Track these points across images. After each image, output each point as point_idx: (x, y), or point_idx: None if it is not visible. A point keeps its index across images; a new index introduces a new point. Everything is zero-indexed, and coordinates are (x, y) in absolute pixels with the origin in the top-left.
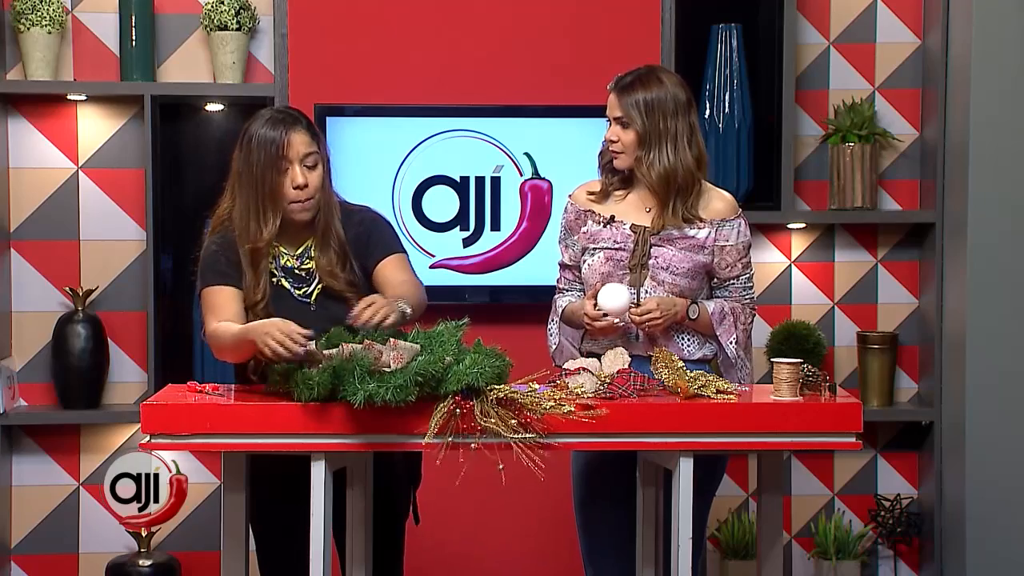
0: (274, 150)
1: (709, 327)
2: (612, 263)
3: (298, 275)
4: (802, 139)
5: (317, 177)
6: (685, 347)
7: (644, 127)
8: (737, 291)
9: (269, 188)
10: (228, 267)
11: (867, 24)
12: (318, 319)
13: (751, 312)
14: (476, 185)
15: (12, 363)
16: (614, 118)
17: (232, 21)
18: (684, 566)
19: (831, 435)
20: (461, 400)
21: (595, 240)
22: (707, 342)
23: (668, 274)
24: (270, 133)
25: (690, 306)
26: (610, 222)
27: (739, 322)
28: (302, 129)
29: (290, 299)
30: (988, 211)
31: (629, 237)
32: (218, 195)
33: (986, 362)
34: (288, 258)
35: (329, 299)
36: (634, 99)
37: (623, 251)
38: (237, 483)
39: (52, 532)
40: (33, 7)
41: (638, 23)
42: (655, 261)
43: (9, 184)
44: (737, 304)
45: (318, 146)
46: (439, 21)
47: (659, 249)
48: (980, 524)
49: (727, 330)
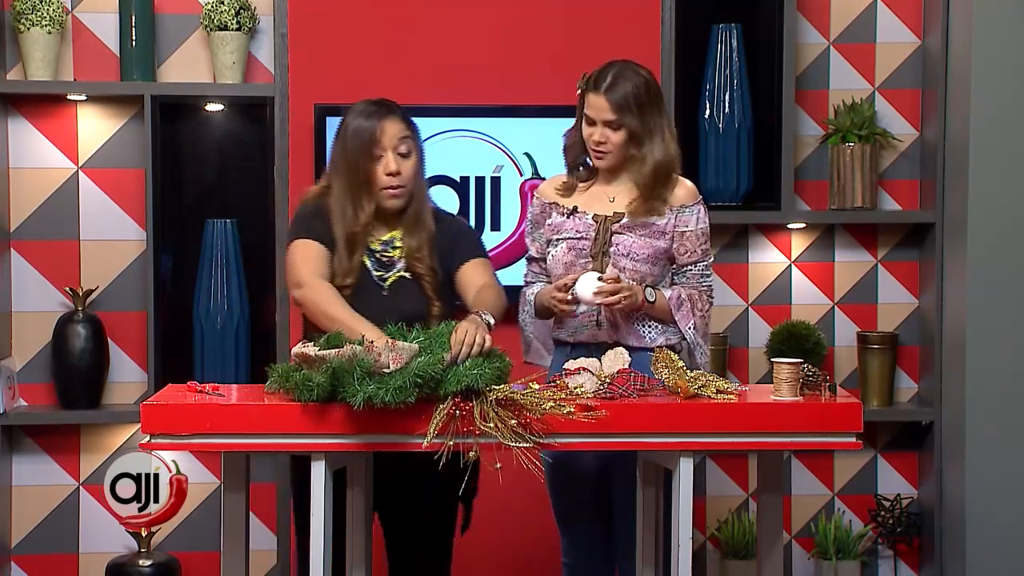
0: (368, 137)
1: (667, 313)
2: (575, 252)
3: (380, 259)
4: (802, 139)
5: (410, 165)
6: (646, 334)
7: (639, 126)
8: (695, 277)
9: (364, 175)
10: (321, 228)
11: (867, 24)
12: (386, 304)
13: (708, 299)
14: (476, 185)
15: (12, 363)
16: (603, 121)
17: (232, 21)
18: (684, 566)
19: (831, 435)
20: (460, 402)
21: (558, 231)
22: (667, 329)
23: (629, 260)
24: (364, 123)
25: (646, 289)
26: (573, 213)
27: (696, 308)
28: (396, 118)
29: (368, 279)
30: (988, 211)
31: (591, 227)
32: (218, 195)
33: (986, 362)
34: (375, 241)
35: (403, 289)
36: (624, 99)
37: (585, 240)
38: (237, 483)
39: (52, 532)
40: (33, 7)
41: (638, 23)
42: (616, 248)
43: (9, 184)
44: (694, 291)
45: (413, 135)
46: (439, 21)
47: (619, 236)
48: (980, 524)
49: (685, 316)
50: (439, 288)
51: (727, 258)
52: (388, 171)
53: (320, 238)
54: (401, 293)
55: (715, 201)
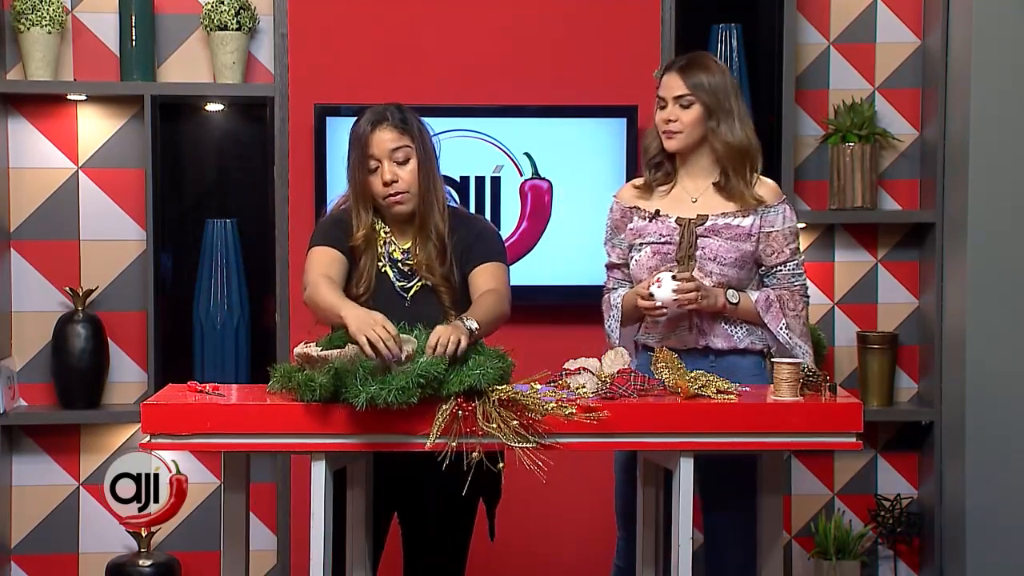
0: (361, 149)
1: (754, 315)
2: (659, 257)
3: (402, 269)
4: (802, 139)
5: (409, 172)
6: (734, 335)
7: (713, 102)
8: (785, 278)
9: (360, 186)
10: (339, 236)
11: (867, 24)
12: (408, 315)
13: (802, 299)
14: (476, 185)
15: (12, 363)
16: (674, 98)
17: (232, 21)
18: (684, 566)
19: (831, 435)
20: (463, 402)
21: (641, 235)
22: (755, 331)
23: (716, 264)
24: (358, 132)
25: (728, 291)
26: (655, 216)
27: (787, 308)
28: (388, 126)
29: (390, 290)
30: (988, 211)
31: (675, 230)
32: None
33: (986, 362)
34: (396, 249)
35: (425, 299)
36: (697, 78)
37: (670, 244)
38: (237, 483)
39: (52, 532)
40: (33, 7)
41: (638, 23)
42: (702, 252)
43: (9, 184)
44: (785, 291)
45: (411, 140)
46: (439, 21)
47: (705, 240)
48: (980, 524)
49: (775, 317)
50: (456, 297)
51: None
52: (384, 180)
53: (335, 244)
54: (423, 303)
55: None
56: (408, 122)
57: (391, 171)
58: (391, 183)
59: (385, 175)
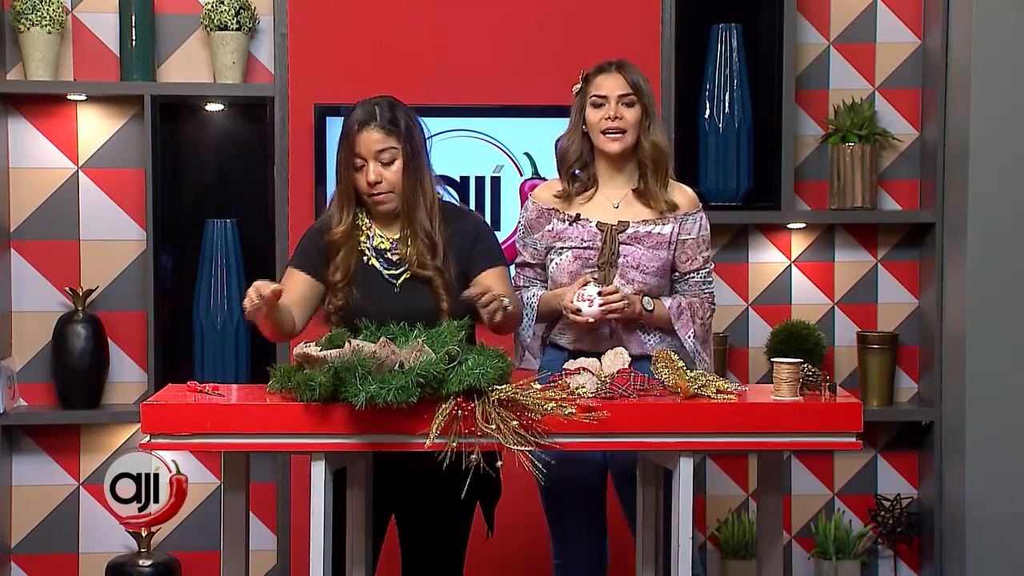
0: (347, 148)
1: (667, 321)
2: (580, 261)
3: (390, 259)
4: (802, 139)
5: (393, 172)
6: (647, 341)
7: (648, 101)
8: (696, 285)
9: (344, 184)
10: (314, 253)
11: (867, 24)
12: (399, 301)
13: (710, 307)
14: (476, 185)
15: (12, 363)
16: (618, 96)
17: (232, 21)
18: (684, 566)
19: (831, 435)
20: (463, 402)
21: (561, 238)
22: (666, 338)
23: (639, 273)
24: (346, 128)
25: (644, 298)
26: (576, 220)
27: (697, 316)
28: (375, 126)
29: (378, 278)
30: (988, 211)
31: (596, 235)
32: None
33: (986, 362)
34: (383, 240)
35: (414, 286)
36: (634, 78)
37: (591, 249)
38: (237, 483)
39: (52, 532)
40: (33, 7)
41: (638, 23)
42: (625, 260)
43: (9, 184)
44: (695, 299)
45: (397, 141)
46: (439, 21)
47: (628, 248)
48: (980, 524)
49: (684, 324)
50: (449, 286)
51: (727, 258)
52: (368, 180)
53: (306, 264)
54: (413, 291)
55: (715, 201)
56: (396, 122)
57: (376, 172)
58: (375, 184)
59: (370, 175)
